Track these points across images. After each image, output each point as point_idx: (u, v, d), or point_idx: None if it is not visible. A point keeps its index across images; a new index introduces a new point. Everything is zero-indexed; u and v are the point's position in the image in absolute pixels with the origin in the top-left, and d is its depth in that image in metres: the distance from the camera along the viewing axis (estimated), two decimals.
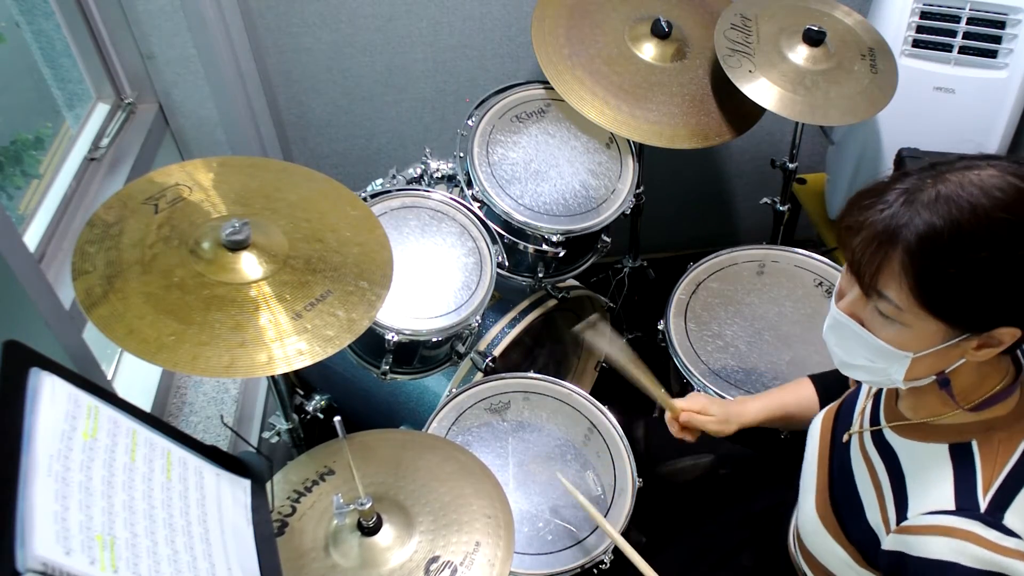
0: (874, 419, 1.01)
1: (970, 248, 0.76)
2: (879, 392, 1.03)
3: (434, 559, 1.03)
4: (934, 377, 0.87)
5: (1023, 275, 0.77)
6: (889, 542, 0.89)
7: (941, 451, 0.88)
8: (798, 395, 1.28)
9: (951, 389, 0.87)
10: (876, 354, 0.87)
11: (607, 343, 1.29)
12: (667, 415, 1.29)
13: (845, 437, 1.04)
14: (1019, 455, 0.85)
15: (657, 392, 1.27)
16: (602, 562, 1.27)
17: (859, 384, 1.10)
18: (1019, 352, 0.92)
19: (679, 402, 1.28)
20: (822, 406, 1.23)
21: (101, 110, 1.69)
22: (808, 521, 1.05)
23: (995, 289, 0.78)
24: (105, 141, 1.61)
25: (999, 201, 0.76)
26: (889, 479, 0.93)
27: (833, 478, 1.04)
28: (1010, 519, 0.81)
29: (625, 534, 1.29)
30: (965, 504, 0.83)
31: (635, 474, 1.36)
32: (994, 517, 0.81)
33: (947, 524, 0.83)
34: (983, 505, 0.82)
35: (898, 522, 0.89)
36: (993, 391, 0.87)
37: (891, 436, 0.96)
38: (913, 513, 0.87)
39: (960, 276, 0.78)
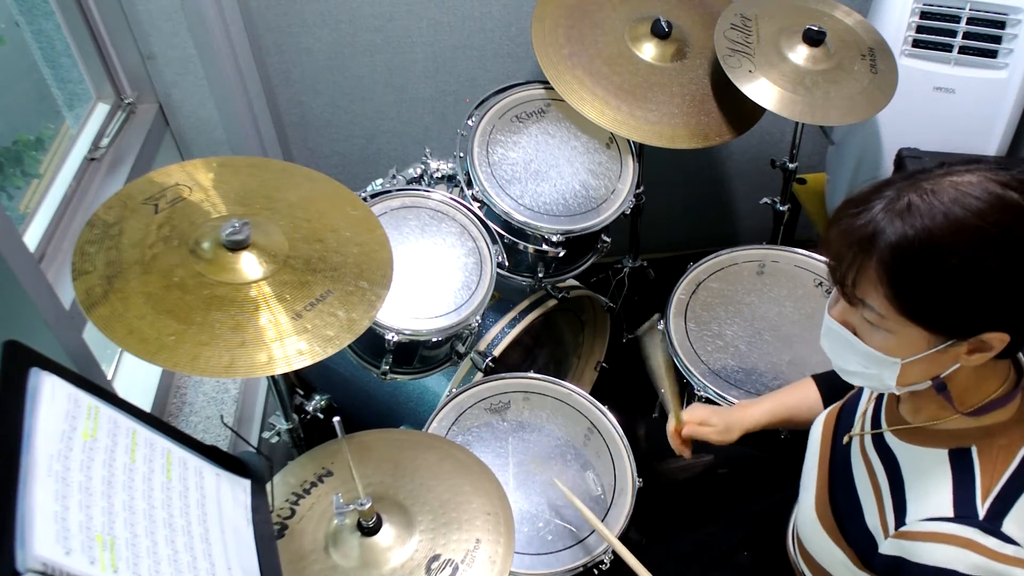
0: (875, 422, 1.01)
1: (941, 256, 0.77)
2: (881, 394, 1.03)
3: (435, 558, 1.03)
4: (930, 382, 0.87)
5: (1001, 281, 0.77)
6: (887, 546, 0.89)
7: (940, 456, 0.88)
8: (801, 396, 1.28)
9: (949, 394, 0.87)
10: (867, 360, 0.87)
11: (660, 347, 1.31)
12: (670, 428, 1.30)
13: (846, 439, 1.04)
14: (1018, 462, 0.84)
15: (675, 403, 1.27)
16: (602, 562, 1.27)
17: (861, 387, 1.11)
18: (1021, 356, 0.91)
19: (681, 414, 1.29)
20: (826, 406, 1.23)
21: (101, 110, 1.69)
22: (807, 521, 1.05)
23: (971, 296, 0.78)
24: (105, 141, 1.61)
25: (974, 208, 0.76)
26: (888, 483, 0.93)
27: (833, 479, 1.04)
28: (1008, 526, 0.81)
29: (624, 534, 1.29)
30: (964, 511, 0.83)
31: (635, 474, 1.36)
32: (992, 524, 0.81)
33: (946, 531, 0.83)
34: (982, 512, 0.82)
35: (896, 527, 0.89)
36: (992, 396, 0.87)
37: (891, 440, 0.96)
38: (912, 519, 0.87)
39: (934, 283, 0.78)
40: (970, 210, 0.76)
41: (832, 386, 1.25)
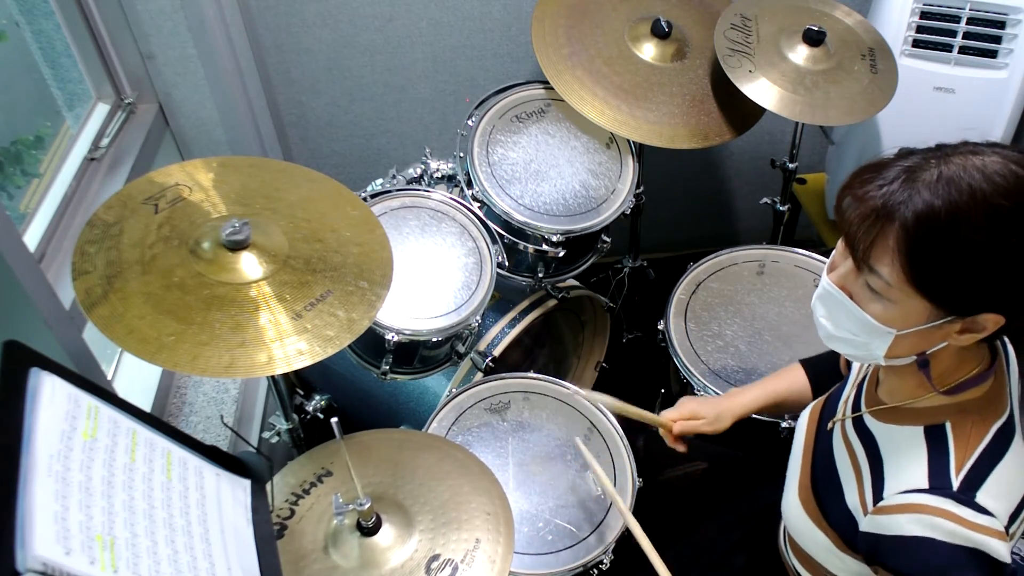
0: (856, 406, 1.02)
1: (966, 231, 0.77)
2: (862, 381, 1.05)
3: (435, 557, 1.03)
4: (914, 357, 0.88)
5: (1015, 262, 0.78)
6: (866, 524, 0.91)
7: (916, 433, 0.90)
8: (789, 381, 1.30)
9: (929, 371, 0.88)
10: (860, 328, 0.88)
11: (594, 392, 1.36)
12: (661, 431, 1.30)
13: (829, 425, 1.06)
14: (991, 436, 0.86)
15: (648, 417, 1.29)
16: (601, 562, 1.27)
17: (847, 375, 1.12)
18: (999, 341, 0.93)
19: (669, 413, 1.30)
20: (813, 390, 1.25)
21: (101, 110, 1.69)
22: (791, 508, 1.07)
23: (985, 274, 0.79)
24: (105, 141, 1.61)
25: (999, 187, 0.77)
26: (868, 462, 0.95)
27: (816, 465, 1.06)
28: (983, 497, 0.82)
29: (624, 534, 1.29)
30: (938, 483, 0.85)
31: (635, 474, 1.36)
32: (966, 495, 0.83)
33: (919, 502, 0.84)
34: (955, 484, 0.84)
35: (875, 503, 0.90)
36: (968, 376, 0.89)
37: (870, 421, 0.98)
38: (888, 493, 0.89)
39: (952, 258, 0.78)
40: (996, 188, 0.77)
41: (820, 371, 1.27)
